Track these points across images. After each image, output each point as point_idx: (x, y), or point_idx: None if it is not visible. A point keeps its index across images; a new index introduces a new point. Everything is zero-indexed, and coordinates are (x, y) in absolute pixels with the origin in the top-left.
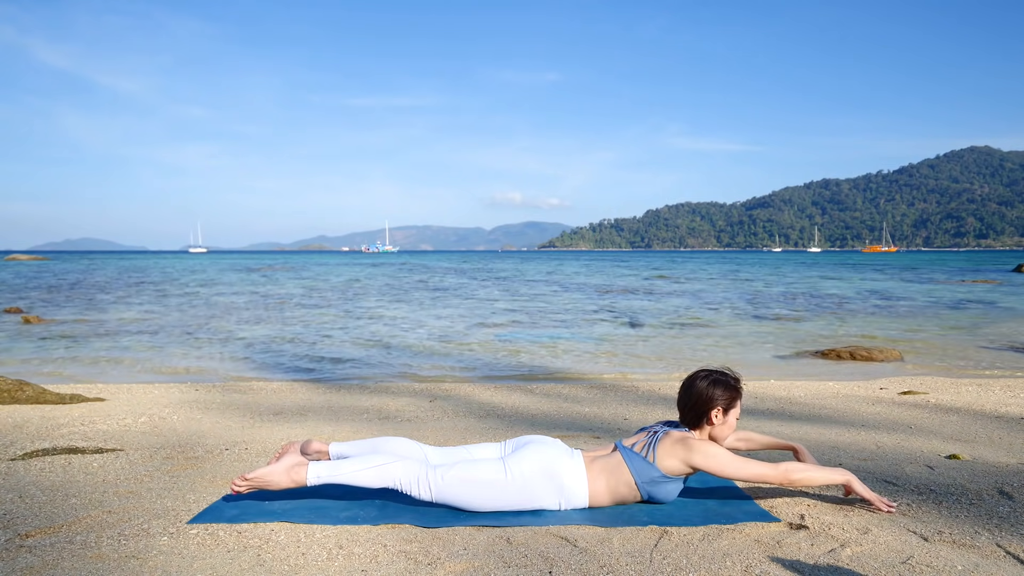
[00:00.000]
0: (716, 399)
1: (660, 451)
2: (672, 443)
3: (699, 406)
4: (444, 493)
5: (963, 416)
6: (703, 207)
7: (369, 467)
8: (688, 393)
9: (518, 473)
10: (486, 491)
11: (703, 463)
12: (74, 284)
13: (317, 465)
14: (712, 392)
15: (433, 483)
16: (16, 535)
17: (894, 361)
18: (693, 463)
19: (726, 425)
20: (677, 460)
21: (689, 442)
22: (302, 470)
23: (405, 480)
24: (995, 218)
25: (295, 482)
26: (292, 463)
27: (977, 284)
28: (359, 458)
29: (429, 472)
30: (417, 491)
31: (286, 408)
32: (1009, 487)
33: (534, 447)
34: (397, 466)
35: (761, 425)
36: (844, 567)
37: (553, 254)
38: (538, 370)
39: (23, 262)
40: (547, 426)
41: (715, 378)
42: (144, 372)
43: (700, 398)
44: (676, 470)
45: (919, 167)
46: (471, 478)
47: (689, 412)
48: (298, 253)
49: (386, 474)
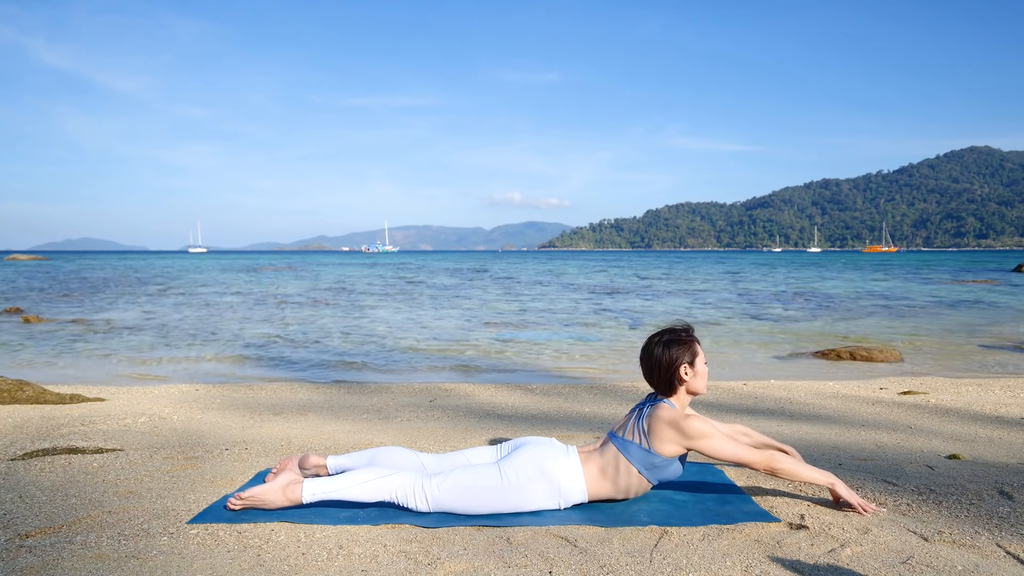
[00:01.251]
0: (678, 358)
1: (653, 437)
2: (664, 427)
3: (666, 372)
4: (441, 502)
5: (963, 416)
6: (703, 207)
7: (364, 482)
8: (650, 364)
9: (513, 476)
10: (483, 496)
11: (697, 445)
12: (74, 284)
13: (312, 483)
14: (671, 353)
15: (430, 494)
16: (16, 535)
17: (894, 361)
18: (688, 446)
19: (697, 376)
20: (672, 444)
21: (681, 425)
22: (297, 488)
23: (401, 493)
24: (995, 218)
25: (291, 501)
26: (287, 481)
27: (977, 284)
28: (354, 473)
29: (425, 483)
30: (414, 503)
31: (286, 408)
32: (1009, 487)
33: (528, 448)
34: (393, 479)
35: (761, 425)
36: (844, 567)
37: (553, 254)
38: (538, 370)
39: (23, 262)
40: (547, 426)
41: (667, 339)
42: (144, 372)
43: (662, 364)
44: (673, 452)
45: (919, 167)
46: (467, 484)
47: (659, 381)
48: (298, 253)
49: (382, 488)
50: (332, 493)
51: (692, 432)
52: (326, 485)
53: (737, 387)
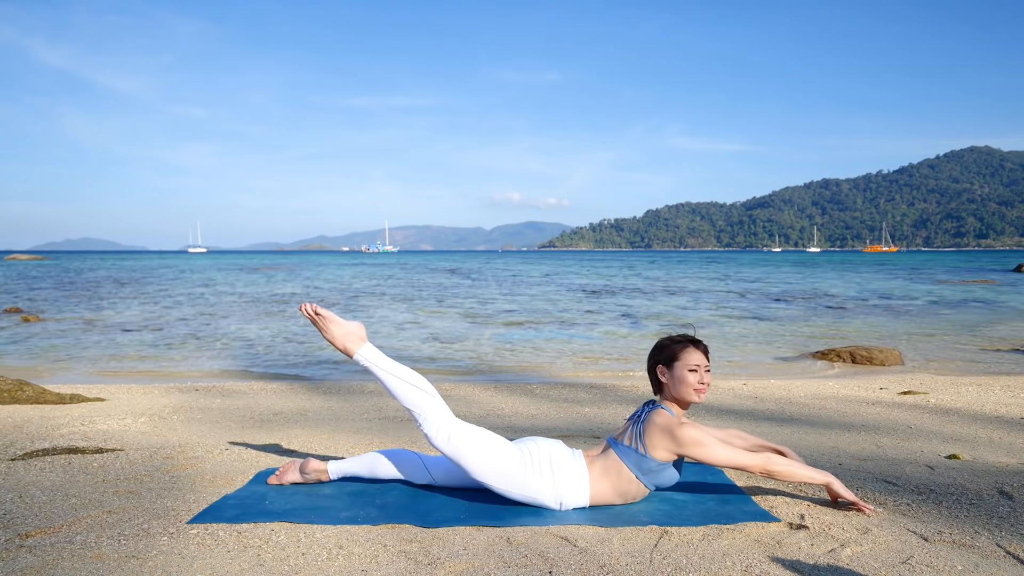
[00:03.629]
0: (655, 360)
1: (649, 442)
2: (659, 433)
3: (650, 373)
4: (457, 446)
5: (963, 416)
6: (703, 207)
7: (408, 381)
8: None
9: (529, 456)
10: (494, 461)
11: (690, 452)
12: (74, 284)
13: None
14: (652, 357)
15: (451, 431)
16: (16, 535)
17: (894, 361)
18: (681, 453)
19: (675, 379)
20: (665, 450)
21: (674, 432)
22: (358, 344)
23: (429, 413)
24: (995, 218)
25: (345, 348)
26: (356, 332)
27: (977, 284)
28: (404, 368)
29: (452, 422)
30: (435, 432)
31: (286, 408)
32: (1009, 487)
33: (542, 440)
34: (429, 399)
35: (761, 426)
36: (844, 567)
37: (553, 254)
38: (538, 370)
39: (23, 262)
40: (547, 426)
41: (656, 344)
42: (144, 372)
43: (648, 365)
44: (667, 458)
45: (919, 167)
46: (486, 444)
47: (651, 383)
48: (298, 253)
49: (417, 398)
50: (379, 366)
51: (685, 440)
52: (378, 357)
53: (737, 387)
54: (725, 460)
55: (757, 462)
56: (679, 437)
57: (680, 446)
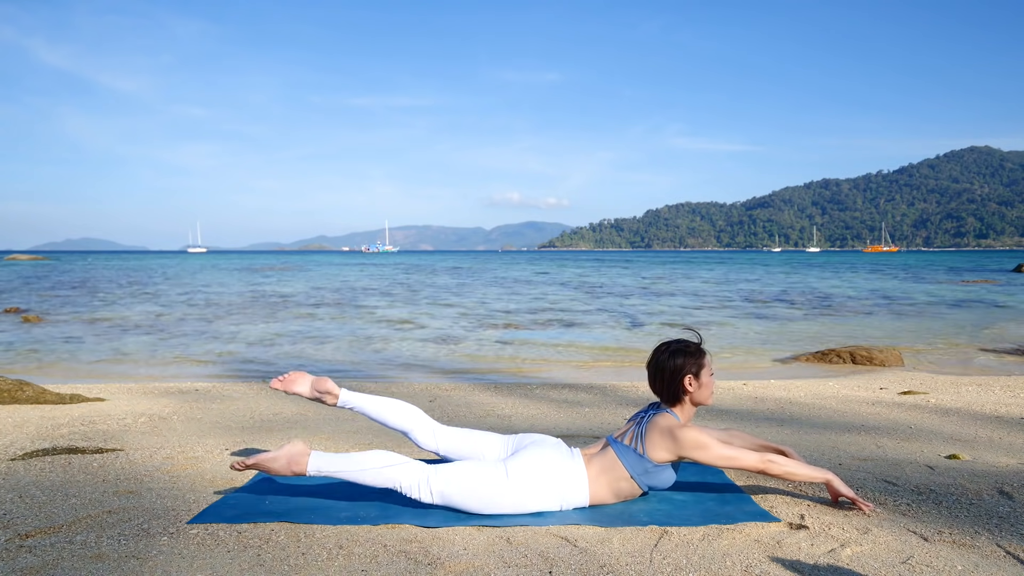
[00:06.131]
0: (683, 368)
1: (649, 443)
2: (660, 435)
3: (671, 381)
4: (446, 496)
5: (963, 416)
6: (703, 207)
7: (371, 467)
8: (656, 373)
9: (518, 476)
10: (487, 493)
11: (692, 455)
12: (74, 284)
13: (319, 457)
14: (676, 363)
15: (435, 487)
16: (16, 535)
17: (894, 361)
18: (681, 455)
19: (702, 388)
20: (666, 451)
21: (675, 433)
22: (304, 460)
23: (407, 483)
24: (995, 218)
25: (295, 472)
26: (294, 452)
27: (977, 284)
28: (363, 456)
29: (431, 476)
30: (419, 495)
31: (286, 409)
32: (1009, 487)
33: (534, 449)
34: (400, 469)
35: (761, 426)
36: (844, 567)
37: (553, 254)
38: (538, 370)
39: (23, 262)
40: (547, 427)
41: (674, 348)
42: (144, 372)
43: (668, 373)
44: (666, 459)
45: (919, 167)
46: (472, 481)
47: (664, 391)
48: (298, 253)
49: (388, 476)
50: (337, 472)
51: (687, 442)
52: (333, 463)
53: (737, 387)
54: (725, 462)
55: (756, 462)
56: (681, 439)
57: (681, 448)
